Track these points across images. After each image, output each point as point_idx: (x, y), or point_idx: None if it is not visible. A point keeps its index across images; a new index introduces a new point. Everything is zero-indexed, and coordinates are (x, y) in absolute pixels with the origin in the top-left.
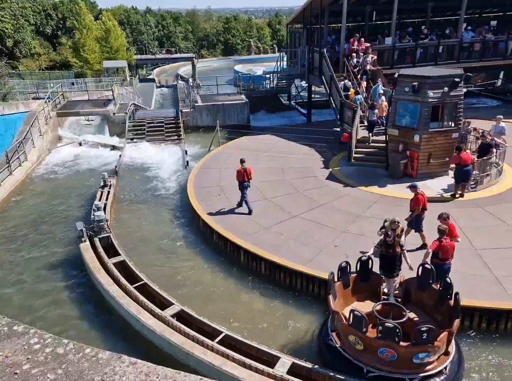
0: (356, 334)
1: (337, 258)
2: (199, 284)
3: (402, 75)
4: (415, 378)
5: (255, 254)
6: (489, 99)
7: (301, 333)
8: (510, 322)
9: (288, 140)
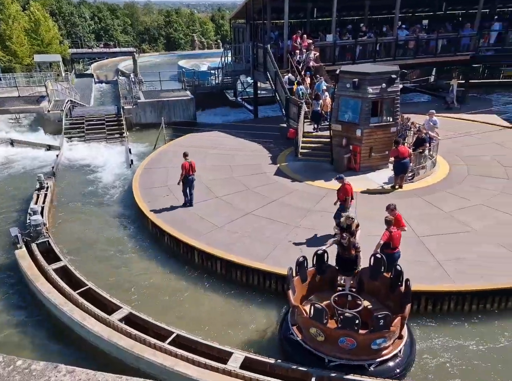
0: (317, 326)
1: (292, 253)
2: (151, 286)
3: (343, 71)
4: (373, 363)
5: (210, 254)
6: (423, 95)
7: (261, 329)
8: (452, 303)
9: (235, 136)
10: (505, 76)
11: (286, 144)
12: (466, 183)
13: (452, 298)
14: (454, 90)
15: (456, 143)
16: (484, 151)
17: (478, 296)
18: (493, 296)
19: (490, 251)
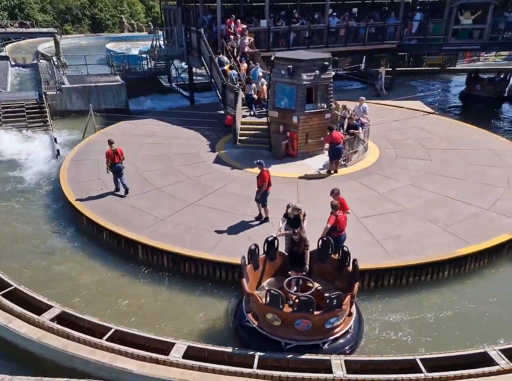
0: (274, 311)
1: (240, 241)
2: (90, 284)
3: (278, 58)
4: (327, 341)
5: (155, 248)
6: (355, 82)
7: (214, 319)
8: (392, 278)
9: (171, 124)
10: (428, 65)
11: (224, 132)
12: (395, 166)
13: (392, 273)
14: (383, 78)
15: (384, 128)
16: (409, 135)
17: (414, 269)
18: (427, 269)
19: (421, 227)
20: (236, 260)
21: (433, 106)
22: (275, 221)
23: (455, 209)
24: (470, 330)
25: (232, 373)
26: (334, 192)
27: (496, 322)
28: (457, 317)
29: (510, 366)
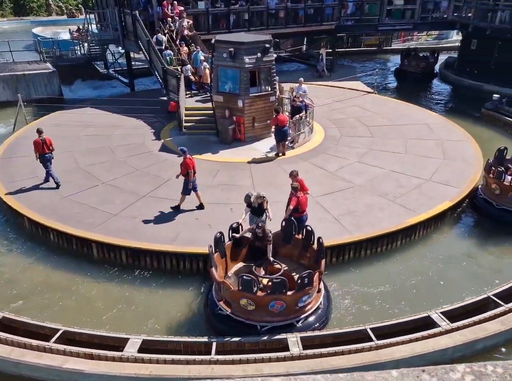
0: (247, 296)
1: (202, 230)
2: (42, 287)
3: (218, 41)
4: (300, 319)
5: (111, 244)
6: (298, 64)
7: (185, 312)
8: (352, 252)
9: (112, 113)
10: (366, 45)
11: (169, 118)
12: (341, 144)
13: (352, 248)
14: (324, 59)
15: (327, 109)
16: (349, 114)
17: (371, 242)
18: (382, 240)
19: (373, 201)
20: (201, 250)
21: (372, 85)
22: (234, 207)
23: (401, 182)
24: (424, 293)
25: (190, 362)
26: (292, 174)
27: (447, 282)
28: (411, 283)
29: (451, 327)
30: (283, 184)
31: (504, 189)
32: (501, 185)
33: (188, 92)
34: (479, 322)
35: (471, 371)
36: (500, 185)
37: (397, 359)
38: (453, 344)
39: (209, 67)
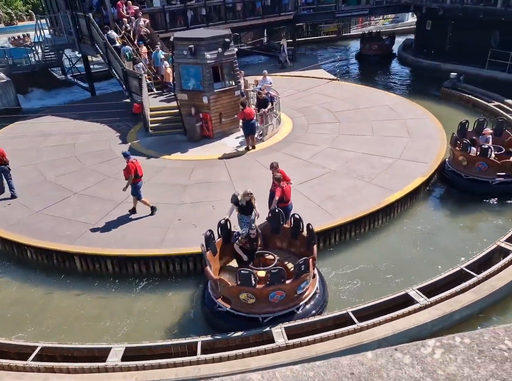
0: (247, 290)
1: (187, 231)
2: (26, 308)
3: (177, 38)
4: (300, 306)
5: (96, 255)
6: (260, 56)
7: (181, 314)
8: (337, 235)
9: (74, 119)
10: (325, 33)
11: (134, 121)
12: (310, 132)
13: (337, 231)
14: (285, 49)
15: (291, 98)
16: (313, 102)
17: (355, 223)
18: (364, 221)
19: (350, 184)
20: (190, 250)
21: (334, 72)
22: (215, 204)
23: (373, 163)
24: (409, 268)
25: (177, 364)
26: (273, 165)
27: (427, 255)
28: (394, 258)
29: (429, 302)
30: (260, 177)
31: (471, 161)
32: (468, 156)
33: (154, 94)
34: (454, 294)
35: (441, 344)
36: (467, 157)
37: (379, 339)
38: (432, 319)
39: (170, 66)
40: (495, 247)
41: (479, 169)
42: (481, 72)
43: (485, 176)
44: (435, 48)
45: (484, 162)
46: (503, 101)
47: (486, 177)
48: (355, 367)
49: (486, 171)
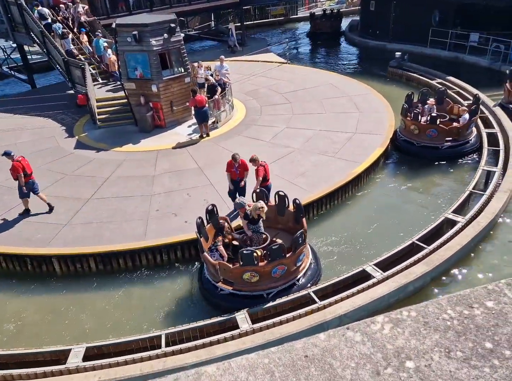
0: (251, 269)
1: (167, 220)
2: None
3: (119, 25)
4: (300, 277)
5: (75, 254)
6: (208, 41)
7: (179, 301)
8: (314, 210)
9: (13, 114)
10: (273, 16)
11: (80, 113)
12: (265, 114)
13: (314, 206)
14: (234, 34)
15: (238, 83)
16: (260, 85)
17: (329, 196)
18: (337, 193)
19: (316, 160)
20: (176, 239)
21: (284, 55)
22: (190, 191)
23: (332, 139)
24: (380, 232)
25: (143, 359)
26: (253, 159)
27: (395, 220)
28: (369, 226)
29: (386, 275)
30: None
31: (422, 129)
32: (419, 125)
33: (100, 84)
34: (408, 266)
35: (389, 319)
36: (418, 125)
37: (340, 315)
38: (388, 291)
39: (114, 54)
40: (443, 218)
41: (430, 136)
42: (425, 51)
43: (435, 142)
44: (380, 29)
45: (434, 129)
46: (445, 79)
47: (436, 143)
48: (309, 349)
49: (436, 138)
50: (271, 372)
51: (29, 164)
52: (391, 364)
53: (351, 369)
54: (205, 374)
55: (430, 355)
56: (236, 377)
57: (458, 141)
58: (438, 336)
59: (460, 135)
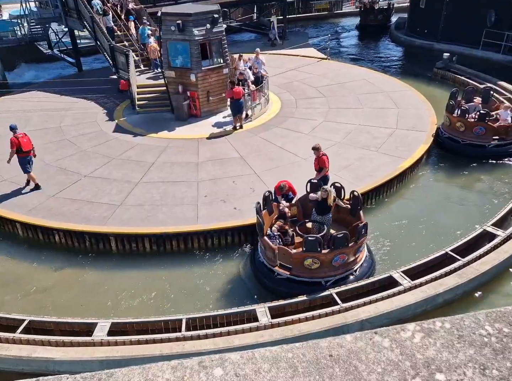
0: (313, 256)
1: (218, 206)
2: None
3: (165, 13)
4: (357, 268)
5: (132, 234)
6: (250, 33)
7: (233, 284)
8: (369, 199)
9: (60, 95)
10: (317, 10)
11: (121, 98)
12: (300, 107)
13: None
14: (275, 27)
15: (274, 76)
16: (291, 78)
17: (375, 191)
18: (383, 188)
19: (360, 154)
20: (228, 224)
21: (325, 51)
22: (235, 179)
23: (373, 134)
24: (429, 228)
25: (164, 340)
26: (316, 147)
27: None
28: (407, 227)
29: (412, 284)
30: (270, 151)
31: (469, 126)
32: (466, 122)
33: (141, 70)
34: (438, 277)
35: (421, 329)
36: (465, 122)
37: (362, 319)
38: (415, 301)
39: (155, 42)
40: (482, 230)
41: (477, 134)
42: (475, 53)
43: (482, 141)
44: (429, 27)
45: (482, 127)
46: (496, 83)
47: (483, 141)
48: (334, 349)
49: (483, 136)
50: (294, 367)
51: (27, 142)
52: (419, 374)
53: (377, 374)
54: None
55: (463, 370)
56: (259, 368)
57: (505, 140)
58: (473, 351)
59: (508, 134)
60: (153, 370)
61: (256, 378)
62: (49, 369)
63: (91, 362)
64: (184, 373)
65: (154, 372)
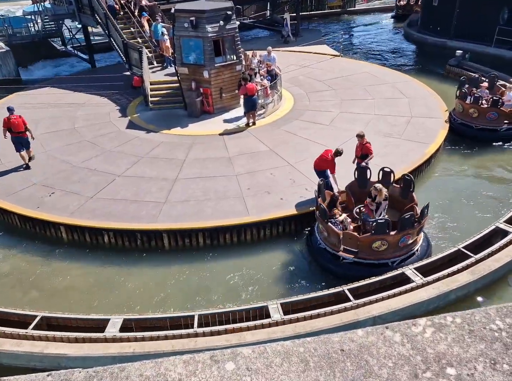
0: (381, 238)
1: (263, 198)
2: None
3: (178, 10)
4: (418, 248)
5: (185, 230)
6: (263, 30)
7: (292, 272)
8: None
9: (73, 91)
10: (329, 7)
11: (134, 94)
12: (313, 101)
13: None
14: (288, 24)
15: (290, 74)
16: (296, 73)
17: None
18: (413, 174)
19: (385, 141)
20: (280, 214)
21: (338, 48)
22: (272, 171)
23: (391, 122)
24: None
25: (176, 336)
26: (360, 135)
27: None
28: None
29: (425, 281)
30: (297, 142)
31: (482, 111)
32: (480, 108)
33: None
34: (451, 274)
35: (432, 323)
36: (478, 108)
37: (374, 316)
38: (427, 297)
39: (169, 38)
40: (494, 227)
41: (490, 119)
42: (488, 50)
43: (494, 125)
44: (442, 25)
45: (495, 112)
46: (508, 81)
47: (495, 125)
48: (346, 344)
49: (496, 120)
50: (305, 361)
51: (19, 124)
52: (430, 368)
53: (388, 368)
54: (240, 354)
55: (474, 364)
56: (271, 362)
57: None
58: (484, 346)
59: None
60: (165, 364)
61: (267, 372)
62: (61, 365)
63: (104, 358)
64: (196, 367)
65: (166, 366)
